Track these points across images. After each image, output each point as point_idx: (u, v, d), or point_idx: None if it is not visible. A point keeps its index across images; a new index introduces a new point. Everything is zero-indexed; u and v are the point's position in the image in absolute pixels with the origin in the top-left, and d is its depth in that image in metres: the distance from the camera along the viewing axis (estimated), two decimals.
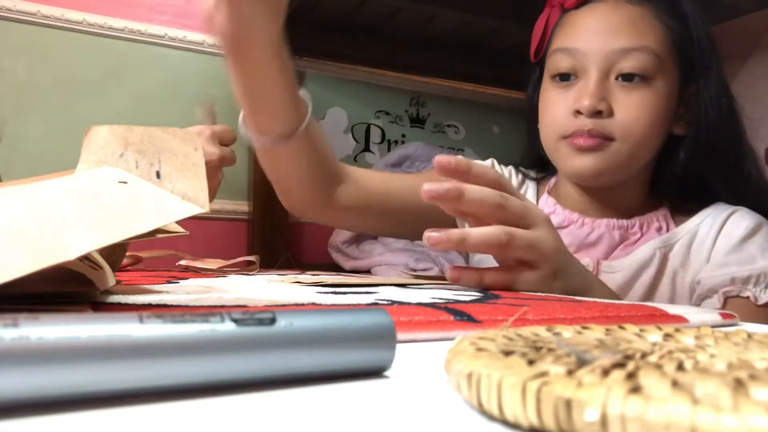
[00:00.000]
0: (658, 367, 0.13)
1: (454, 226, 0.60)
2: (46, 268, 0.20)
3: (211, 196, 0.69)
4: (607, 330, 0.20)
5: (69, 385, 0.12)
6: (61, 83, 1.23)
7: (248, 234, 1.38)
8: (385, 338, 0.17)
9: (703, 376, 0.12)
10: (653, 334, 0.19)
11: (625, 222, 0.65)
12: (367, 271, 1.25)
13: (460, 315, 0.26)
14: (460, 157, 0.48)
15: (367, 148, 1.56)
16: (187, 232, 0.31)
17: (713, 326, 0.25)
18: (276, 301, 0.30)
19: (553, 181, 0.72)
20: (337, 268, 1.31)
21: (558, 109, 0.63)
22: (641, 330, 0.20)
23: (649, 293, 0.62)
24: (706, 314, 0.31)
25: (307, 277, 0.54)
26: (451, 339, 0.21)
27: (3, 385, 0.12)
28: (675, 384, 0.11)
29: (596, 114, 0.59)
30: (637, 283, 0.62)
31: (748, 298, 0.58)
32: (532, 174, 0.75)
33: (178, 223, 0.30)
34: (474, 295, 0.40)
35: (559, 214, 0.68)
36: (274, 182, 0.68)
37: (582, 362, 0.13)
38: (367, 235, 1.31)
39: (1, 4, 1.18)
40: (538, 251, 0.48)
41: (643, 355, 0.15)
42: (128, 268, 0.74)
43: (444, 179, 0.48)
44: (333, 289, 0.40)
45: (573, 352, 0.14)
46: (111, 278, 0.32)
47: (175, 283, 0.45)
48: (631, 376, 0.12)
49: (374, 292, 0.38)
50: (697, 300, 0.61)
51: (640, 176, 0.66)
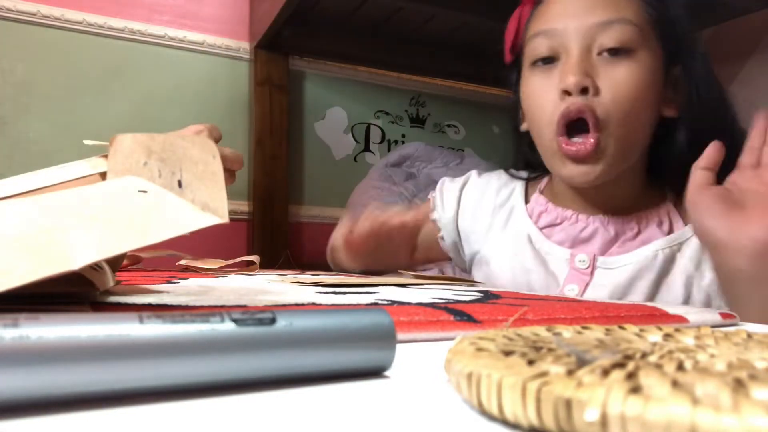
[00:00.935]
0: (658, 367, 0.13)
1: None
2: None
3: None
4: (607, 330, 0.20)
5: (69, 385, 0.12)
6: (61, 83, 1.23)
7: (248, 234, 1.38)
8: (385, 338, 0.17)
9: (703, 376, 0.12)
10: (653, 334, 0.19)
11: (621, 217, 0.63)
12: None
13: (460, 315, 0.26)
14: None
15: (367, 148, 1.56)
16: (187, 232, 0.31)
17: (713, 326, 0.25)
18: (276, 301, 0.30)
19: (545, 180, 0.71)
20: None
21: (544, 96, 0.60)
22: (641, 330, 0.20)
23: (654, 296, 0.59)
24: (706, 314, 0.31)
25: (307, 277, 0.54)
26: (451, 339, 0.21)
27: (3, 385, 0.12)
28: (675, 384, 0.11)
29: (583, 91, 0.57)
30: (638, 284, 0.59)
31: None
32: (522, 175, 0.73)
33: None
34: (474, 295, 0.40)
35: (551, 212, 0.66)
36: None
37: (582, 362, 0.13)
38: None
39: (1, 4, 1.18)
40: None
41: (643, 355, 0.15)
42: (128, 268, 0.74)
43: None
44: (333, 289, 0.40)
45: (573, 352, 0.14)
46: (111, 278, 0.32)
47: (175, 283, 0.45)
48: (631, 376, 0.12)
49: (374, 292, 0.38)
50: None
51: (636, 166, 0.62)
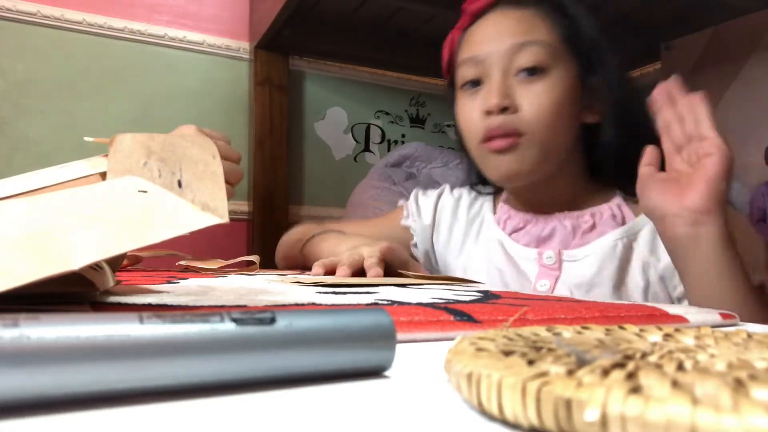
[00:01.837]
0: (658, 367, 0.13)
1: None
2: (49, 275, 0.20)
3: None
4: (607, 330, 0.20)
5: (69, 385, 0.12)
6: (61, 83, 1.23)
7: (248, 234, 1.38)
8: (385, 338, 0.17)
9: (703, 376, 0.12)
10: (653, 334, 0.19)
11: (575, 213, 0.69)
12: None
13: (460, 315, 0.26)
14: None
15: (367, 148, 1.56)
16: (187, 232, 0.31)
17: (713, 326, 0.25)
18: (276, 301, 0.30)
19: (506, 192, 0.77)
20: None
21: (471, 114, 0.68)
22: (641, 330, 0.20)
23: (619, 284, 0.64)
24: (706, 314, 0.31)
25: (307, 277, 0.54)
26: (451, 339, 0.21)
27: (3, 385, 0.12)
28: (675, 384, 0.11)
29: (503, 111, 0.64)
30: (603, 274, 0.64)
31: None
32: (486, 190, 0.81)
33: None
34: (474, 295, 0.40)
35: (514, 217, 0.73)
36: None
37: (582, 362, 0.13)
38: None
39: (1, 5, 1.18)
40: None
41: (643, 355, 0.15)
42: (128, 268, 0.74)
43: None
44: (333, 289, 0.40)
45: (573, 352, 0.14)
46: (111, 278, 0.32)
47: (175, 283, 0.45)
48: (631, 376, 0.12)
49: (374, 292, 0.38)
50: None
51: (571, 167, 0.70)
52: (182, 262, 0.76)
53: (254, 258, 0.75)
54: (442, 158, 1.40)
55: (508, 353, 0.15)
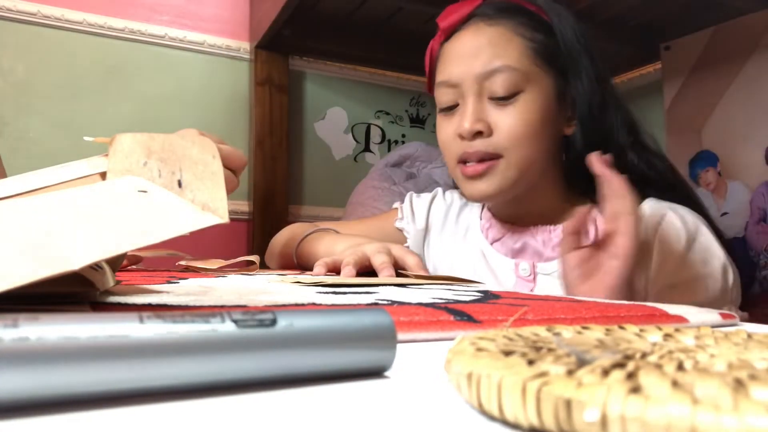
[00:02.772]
0: (658, 367, 0.13)
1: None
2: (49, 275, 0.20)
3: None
4: (607, 330, 0.20)
5: (69, 385, 0.12)
6: (61, 83, 1.23)
7: (248, 234, 1.38)
8: (386, 338, 0.17)
9: (703, 376, 0.12)
10: (653, 334, 0.19)
11: (548, 226, 0.69)
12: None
13: (460, 315, 0.26)
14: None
15: (367, 148, 1.56)
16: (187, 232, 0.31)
17: (713, 326, 0.25)
18: (276, 302, 0.30)
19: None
20: None
21: (447, 137, 0.69)
22: (641, 330, 0.20)
23: None
24: (706, 314, 0.31)
25: (307, 277, 0.54)
26: (451, 339, 0.21)
27: (3, 385, 0.12)
28: (675, 384, 0.11)
29: (477, 135, 0.65)
30: None
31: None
32: None
33: None
34: (474, 294, 0.40)
35: (494, 227, 0.74)
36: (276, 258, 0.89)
37: (582, 362, 0.13)
38: None
39: (1, 4, 1.18)
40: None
41: (643, 355, 0.15)
42: (128, 268, 0.74)
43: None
44: (333, 289, 0.40)
45: (573, 352, 0.14)
46: (111, 278, 0.32)
47: (175, 283, 0.45)
48: (631, 376, 0.12)
49: (374, 292, 0.38)
50: None
51: (549, 181, 0.70)
52: (182, 262, 0.76)
53: (254, 258, 0.75)
54: (442, 158, 1.40)
55: (508, 353, 0.15)
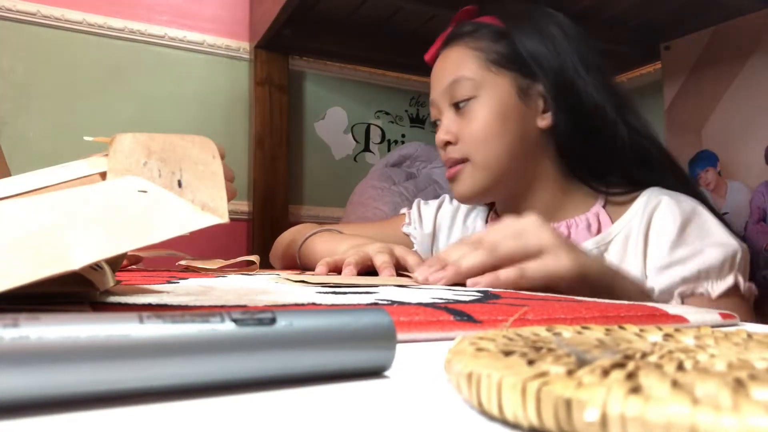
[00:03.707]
0: (658, 367, 0.13)
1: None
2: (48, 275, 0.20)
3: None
4: (607, 330, 0.20)
5: (69, 385, 0.12)
6: (61, 83, 1.23)
7: (248, 234, 1.38)
8: (385, 338, 0.17)
9: (703, 376, 0.12)
10: (653, 334, 0.19)
11: (552, 224, 0.70)
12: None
13: (460, 315, 0.26)
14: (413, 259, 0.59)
15: (367, 148, 1.56)
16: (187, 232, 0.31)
17: (713, 326, 0.25)
18: (276, 301, 0.30)
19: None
20: None
21: (437, 147, 0.77)
22: (641, 330, 0.20)
23: None
24: (706, 314, 0.31)
25: (308, 277, 0.54)
26: (451, 339, 0.21)
27: (3, 385, 0.12)
28: (675, 384, 0.11)
29: (448, 144, 0.74)
30: None
31: (702, 294, 0.60)
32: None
33: None
34: (474, 295, 0.40)
35: None
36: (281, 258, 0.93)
37: (582, 362, 0.13)
38: None
39: (1, 4, 1.18)
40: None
41: (643, 355, 0.15)
42: (128, 268, 0.74)
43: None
44: (333, 289, 0.40)
45: (573, 352, 0.14)
46: (111, 278, 0.32)
47: (175, 283, 0.45)
48: (631, 376, 0.12)
49: (374, 292, 0.38)
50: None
51: (544, 176, 0.73)
52: (182, 262, 0.76)
53: (254, 258, 0.75)
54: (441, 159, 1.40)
55: (508, 353, 0.15)
